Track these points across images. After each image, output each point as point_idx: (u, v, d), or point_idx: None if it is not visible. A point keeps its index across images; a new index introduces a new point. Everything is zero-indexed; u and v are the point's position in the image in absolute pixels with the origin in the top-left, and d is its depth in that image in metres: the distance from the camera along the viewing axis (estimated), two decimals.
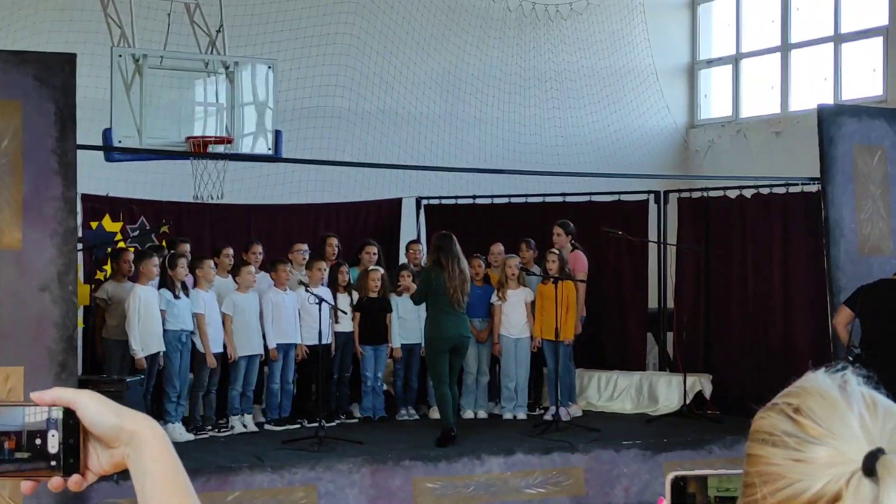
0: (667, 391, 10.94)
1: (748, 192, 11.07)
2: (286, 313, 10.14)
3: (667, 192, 11.62)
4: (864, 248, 9.52)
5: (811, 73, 14.32)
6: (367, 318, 10.55)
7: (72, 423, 1.35)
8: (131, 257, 9.87)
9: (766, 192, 10.88)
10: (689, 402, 10.51)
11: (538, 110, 14.58)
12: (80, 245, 9.18)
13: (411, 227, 12.47)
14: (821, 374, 1.25)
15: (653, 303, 11.73)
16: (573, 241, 10.94)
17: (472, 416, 10.67)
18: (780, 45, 14.69)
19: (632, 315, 11.73)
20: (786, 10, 14.57)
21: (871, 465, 1.16)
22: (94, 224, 10.66)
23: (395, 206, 12.48)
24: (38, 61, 7.62)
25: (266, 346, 10.07)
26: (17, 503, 7.00)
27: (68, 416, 1.35)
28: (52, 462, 1.35)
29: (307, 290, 9.88)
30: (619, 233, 11.06)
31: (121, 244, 10.48)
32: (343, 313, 10.31)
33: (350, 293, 10.55)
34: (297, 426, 10.02)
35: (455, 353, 9.60)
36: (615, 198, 11.80)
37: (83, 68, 8.16)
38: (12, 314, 7.36)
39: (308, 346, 10.18)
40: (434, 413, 10.34)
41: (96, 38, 10.48)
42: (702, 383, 10.80)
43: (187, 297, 9.66)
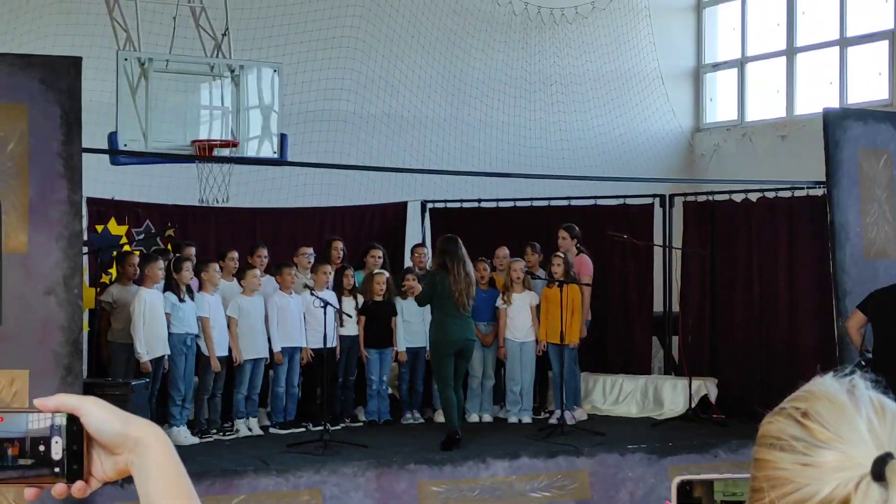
0: (672, 395, 10.92)
1: (754, 196, 11.06)
2: (291, 317, 10.14)
3: (672, 196, 11.60)
4: (869, 251, 9.50)
5: (817, 76, 14.30)
6: (373, 321, 10.55)
7: (75, 430, 1.34)
8: (137, 261, 9.89)
9: (771, 195, 10.87)
10: (694, 405, 10.48)
11: (543, 114, 14.57)
12: (85, 248, 9.18)
13: (416, 231, 12.47)
14: (829, 378, 1.25)
15: (658, 306, 11.71)
16: (578, 245, 10.92)
17: (478, 419, 10.66)
18: (785, 48, 14.68)
19: (637, 319, 11.71)
20: (791, 14, 14.55)
21: (879, 469, 1.16)
22: (99, 227, 10.67)
23: (401, 209, 12.46)
24: (44, 65, 7.62)
25: (271, 350, 10.07)
26: None
27: (72, 422, 1.34)
28: (56, 468, 1.35)
29: (312, 294, 9.88)
30: (625, 236, 11.04)
31: (126, 247, 10.47)
32: (348, 317, 10.31)
33: (355, 297, 10.54)
34: (303, 430, 10.01)
35: (460, 356, 9.59)
36: (620, 201, 11.79)
37: (89, 72, 8.17)
38: (18, 317, 7.35)
39: (313, 350, 10.17)
40: (439, 416, 10.33)
41: (102, 41, 10.49)
42: (707, 387, 10.78)
43: (192, 300, 9.66)
